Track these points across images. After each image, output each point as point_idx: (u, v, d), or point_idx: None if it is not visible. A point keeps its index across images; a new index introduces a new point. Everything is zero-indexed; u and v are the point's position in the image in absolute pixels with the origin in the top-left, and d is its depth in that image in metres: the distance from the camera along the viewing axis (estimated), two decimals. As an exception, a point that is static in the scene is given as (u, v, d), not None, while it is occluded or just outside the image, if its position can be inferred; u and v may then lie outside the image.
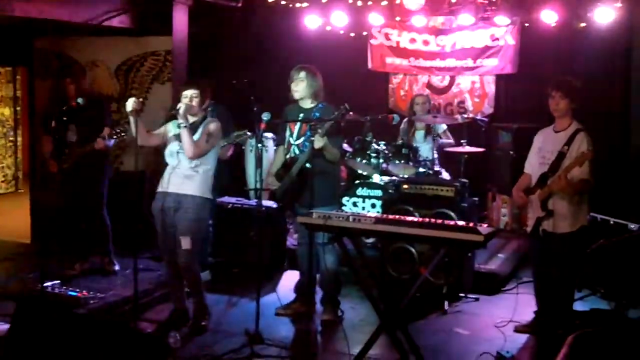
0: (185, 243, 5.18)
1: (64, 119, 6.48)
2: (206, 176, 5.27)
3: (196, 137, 5.20)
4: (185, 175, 5.21)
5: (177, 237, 5.22)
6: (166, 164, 5.34)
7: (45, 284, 5.92)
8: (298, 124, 5.59)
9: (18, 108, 11.63)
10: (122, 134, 5.94)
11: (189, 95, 5.24)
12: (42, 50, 7.96)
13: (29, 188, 8.88)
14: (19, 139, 11.72)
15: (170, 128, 5.33)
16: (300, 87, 5.54)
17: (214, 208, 6.45)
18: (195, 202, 5.21)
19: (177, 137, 5.23)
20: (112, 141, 6.35)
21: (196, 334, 5.28)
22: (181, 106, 5.13)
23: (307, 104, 5.61)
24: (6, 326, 4.71)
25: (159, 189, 5.32)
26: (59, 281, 6.20)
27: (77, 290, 6.01)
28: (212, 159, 5.33)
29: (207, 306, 5.51)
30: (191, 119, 5.22)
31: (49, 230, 7.54)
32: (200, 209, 5.24)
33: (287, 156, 5.65)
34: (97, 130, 6.39)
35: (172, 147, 5.27)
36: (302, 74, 5.54)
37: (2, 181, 11.55)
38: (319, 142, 5.18)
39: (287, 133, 5.68)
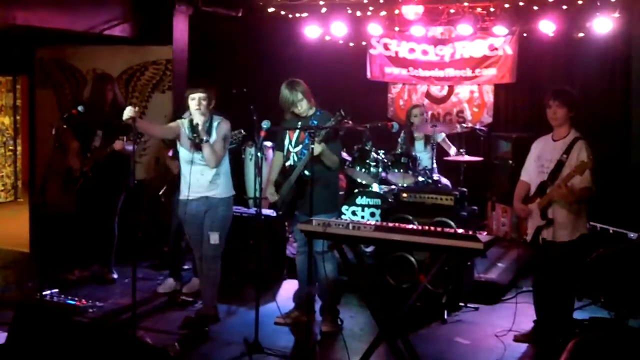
0: (214, 238, 5.52)
1: (92, 124, 6.52)
2: (227, 176, 5.60)
3: (211, 141, 5.39)
4: (211, 182, 5.48)
5: (205, 233, 5.54)
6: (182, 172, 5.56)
7: (43, 292, 5.92)
8: (297, 131, 5.61)
9: (18, 117, 11.64)
10: (140, 137, 6.01)
11: (197, 98, 5.33)
12: (43, 59, 7.98)
13: (28, 197, 8.87)
14: (19, 148, 11.72)
15: (184, 132, 5.37)
16: (304, 105, 5.57)
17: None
18: (224, 202, 5.57)
19: (195, 146, 5.34)
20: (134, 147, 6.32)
21: (198, 340, 5.27)
22: (198, 123, 5.29)
23: (308, 112, 5.63)
24: (4, 334, 4.71)
25: (186, 196, 5.50)
26: (57, 289, 6.20)
27: (76, 298, 6.01)
28: (228, 158, 5.63)
29: (217, 310, 5.74)
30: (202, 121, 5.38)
31: (48, 238, 7.53)
32: (228, 206, 5.62)
33: (287, 164, 5.66)
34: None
35: (194, 156, 5.41)
36: (300, 95, 5.55)
37: (2, 190, 11.54)
38: (317, 148, 5.20)
39: (287, 141, 5.69)
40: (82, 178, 6.55)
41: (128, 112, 5.00)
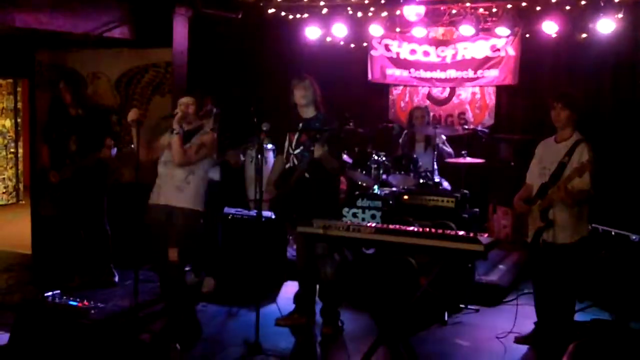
0: (172, 255, 5.13)
1: (65, 129, 6.51)
2: (197, 188, 5.21)
3: (187, 146, 5.19)
4: (176, 187, 5.17)
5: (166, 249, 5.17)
6: (158, 175, 5.34)
7: (45, 294, 5.92)
8: (297, 133, 5.59)
9: (19, 120, 11.65)
10: (121, 145, 5.98)
11: (185, 102, 5.24)
12: (43, 62, 7.98)
13: (29, 199, 8.88)
14: (20, 150, 11.73)
15: (166, 138, 5.31)
16: (308, 93, 5.56)
17: (217, 218, 6.60)
18: (185, 214, 5.16)
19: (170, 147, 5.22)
20: (114, 151, 6.38)
21: (185, 348, 5.24)
22: (177, 112, 5.15)
23: (309, 113, 5.61)
24: (6, 336, 4.71)
25: (151, 201, 5.30)
26: (59, 291, 6.19)
27: (78, 300, 6.00)
28: (204, 171, 5.29)
29: (199, 324, 5.45)
30: (186, 127, 5.23)
31: (49, 241, 7.55)
32: (190, 221, 5.19)
33: (286, 166, 5.65)
34: (98, 141, 6.42)
35: (166, 157, 5.24)
36: (307, 82, 5.56)
37: (3, 192, 11.56)
38: (317, 151, 5.19)
39: (287, 143, 5.68)
40: (60, 185, 6.55)
41: (132, 115, 5.02)
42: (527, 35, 8.33)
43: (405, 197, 6.56)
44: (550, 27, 7.77)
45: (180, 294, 5.34)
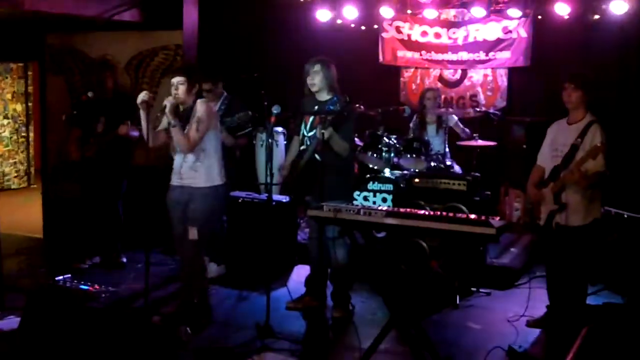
0: (192, 234, 5.20)
1: (96, 111, 6.54)
2: (210, 163, 5.26)
3: (186, 130, 5.18)
4: (192, 168, 5.24)
5: (185, 228, 5.25)
6: (172, 158, 5.37)
7: (56, 278, 5.95)
8: (312, 116, 5.56)
9: (30, 104, 11.67)
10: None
11: (175, 83, 5.19)
12: (54, 46, 7.98)
13: (41, 183, 8.91)
14: (31, 134, 11.76)
15: (163, 124, 5.29)
16: (316, 80, 5.50)
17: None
18: (205, 192, 5.23)
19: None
20: (138, 133, 6.39)
21: (196, 331, 5.24)
22: (166, 104, 5.09)
23: (323, 96, 5.57)
24: (18, 319, 4.74)
25: (172, 182, 5.35)
26: (70, 275, 6.23)
27: (89, 283, 6.03)
28: (213, 144, 5.29)
29: (210, 307, 5.50)
30: (182, 108, 5.22)
31: (60, 224, 7.58)
32: (210, 198, 5.26)
33: (301, 148, 5.63)
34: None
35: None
36: (317, 67, 5.50)
37: (15, 176, 11.61)
38: (325, 133, 5.17)
39: (302, 126, 5.65)
40: (81, 164, 6.57)
41: (142, 97, 5.03)
42: (539, 17, 8.23)
43: (417, 180, 6.53)
44: (562, 9, 7.68)
45: (197, 273, 5.38)
